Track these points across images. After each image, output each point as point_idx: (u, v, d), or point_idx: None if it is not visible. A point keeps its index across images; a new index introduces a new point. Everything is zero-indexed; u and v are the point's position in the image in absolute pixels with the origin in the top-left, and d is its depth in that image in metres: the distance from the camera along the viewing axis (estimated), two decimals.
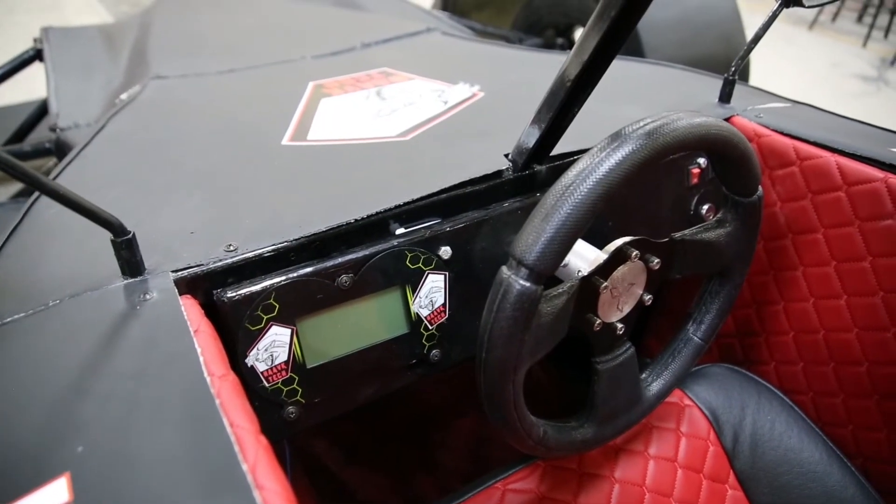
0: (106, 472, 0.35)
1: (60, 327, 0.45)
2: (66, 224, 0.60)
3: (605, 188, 0.46)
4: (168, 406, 0.38)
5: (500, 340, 0.48)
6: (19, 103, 1.71)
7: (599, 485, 0.73)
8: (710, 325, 0.70)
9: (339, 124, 0.86)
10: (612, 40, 0.54)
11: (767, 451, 0.81)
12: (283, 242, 0.54)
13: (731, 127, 0.55)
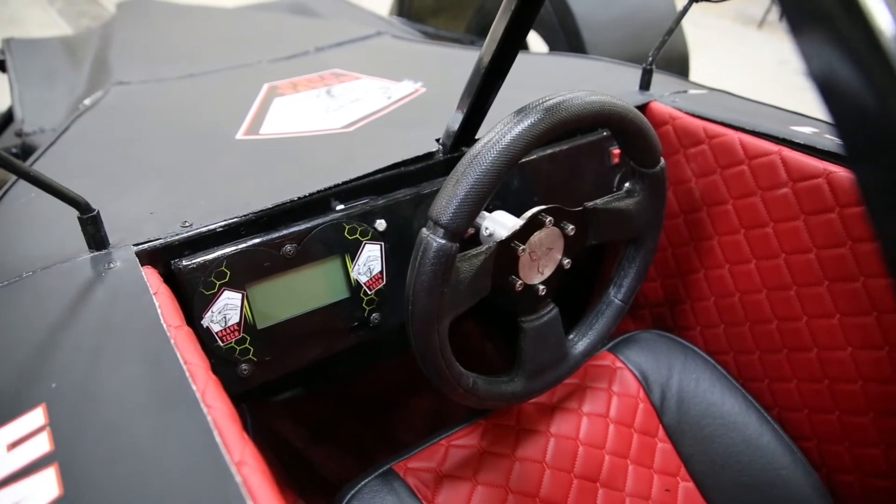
0: (77, 401, 0.41)
1: (33, 294, 0.51)
2: (35, 210, 0.66)
3: (508, 156, 0.54)
4: (129, 350, 0.44)
5: (422, 293, 0.54)
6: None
7: (536, 439, 0.80)
8: (629, 287, 0.78)
9: (290, 120, 0.92)
10: (516, 28, 0.61)
11: (692, 406, 0.88)
12: (233, 218, 0.60)
13: (626, 105, 0.63)
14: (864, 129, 0.25)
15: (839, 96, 0.25)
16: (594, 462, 0.82)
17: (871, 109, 0.24)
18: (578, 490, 0.80)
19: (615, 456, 0.83)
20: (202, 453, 0.36)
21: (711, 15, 4.74)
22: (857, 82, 0.24)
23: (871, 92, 0.24)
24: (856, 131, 0.25)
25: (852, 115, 0.25)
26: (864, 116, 0.24)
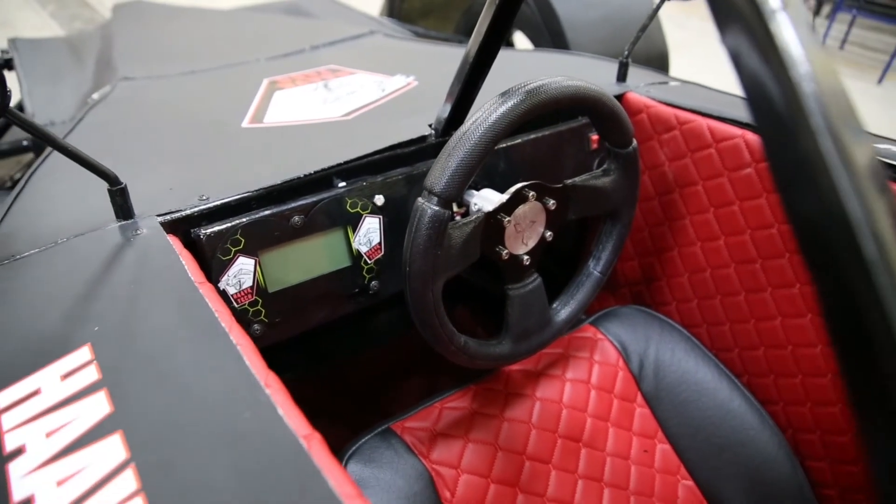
0: (118, 340, 0.47)
1: (70, 257, 0.57)
2: (62, 187, 0.72)
3: (493, 133, 0.60)
4: (162, 298, 0.50)
5: (418, 255, 0.61)
6: None
7: (522, 402, 0.87)
8: (606, 260, 0.85)
9: (291, 111, 0.98)
10: (500, 22, 0.68)
11: (668, 374, 0.95)
12: (246, 193, 0.67)
13: (600, 89, 0.70)
14: (769, 109, 0.30)
15: (750, 81, 0.31)
16: (577, 424, 0.88)
17: (773, 95, 0.29)
18: (562, 449, 0.86)
19: (596, 419, 0.90)
20: (235, 373, 0.42)
21: (694, 17, 4.85)
22: (762, 70, 0.30)
23: (772, 80, 0.29)
24: (762, 115, 0.30)
25: (757, 96, 0.30)
26: (767, 99, 0.29)
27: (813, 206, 0.26)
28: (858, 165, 0.26)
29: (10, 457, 0.40)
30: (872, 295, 0.24)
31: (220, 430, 0.38)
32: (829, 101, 0.27)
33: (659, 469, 0.91)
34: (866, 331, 0.24)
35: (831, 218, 0.25)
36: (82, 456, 0.39)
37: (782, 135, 0.28)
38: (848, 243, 0.25)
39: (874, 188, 0.25)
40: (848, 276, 0.25)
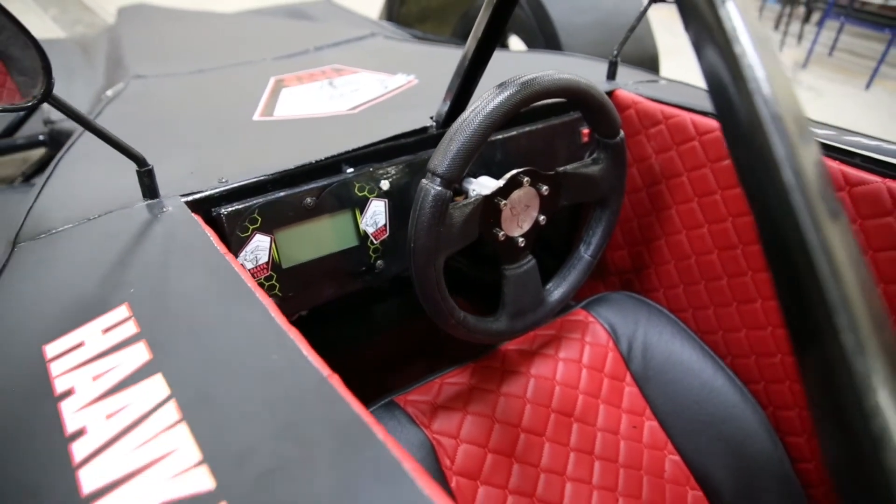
0: (153, 299, 0.52)
1: (102, 231, 0.62)
2: (89, 172, 0.77)
3: (490, 120, 0.66)
4: (191, 264, 0.55)
5: (422, 231, 0.66)
6: None
7: (518, 379, 0.92)
8: (596, 245, 0.90)
9: (299, 106, 1.03)
10: (496, 21, 0.74)
11: (656, 355, 1.00)
12: (262, 176, 0.72)
13: (589, 82, 0.75)
14: (729, 107, 0.33)
15: (714, 83, 0.35)
16: (569, 400, 0.93)
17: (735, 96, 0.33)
18: (555, 423, 0.91)
19: (587, 395, 0.95)
20: (261, 323, 0.47)
21: None
22: (724, 74, 0.34)
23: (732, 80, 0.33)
24: (725, 114, 0.33)
25: (722, 98, 0.34)
26: (729, 99, 0.33)
27: (748, 158, 0.31)
28: (792, 131, 0.31)
29: (60, 397, 0.45)
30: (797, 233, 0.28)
31: (250, 369, 0.44)
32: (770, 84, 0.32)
33: (647, 444, 0.96)
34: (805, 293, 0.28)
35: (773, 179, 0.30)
36: (127, 394, 0.44)
37: (733, 116, 0.33)
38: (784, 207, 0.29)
39: (810, 161, 0.30)
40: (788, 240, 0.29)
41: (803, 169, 0.29)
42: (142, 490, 0.37)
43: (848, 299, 0.26)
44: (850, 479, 0.24)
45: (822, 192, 0.29)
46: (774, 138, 0.30)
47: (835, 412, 0.25)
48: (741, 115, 0.31)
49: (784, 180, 0.29)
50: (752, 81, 0.31)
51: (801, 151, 0.31)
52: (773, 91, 0.32)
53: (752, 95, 0.31)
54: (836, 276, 0.27)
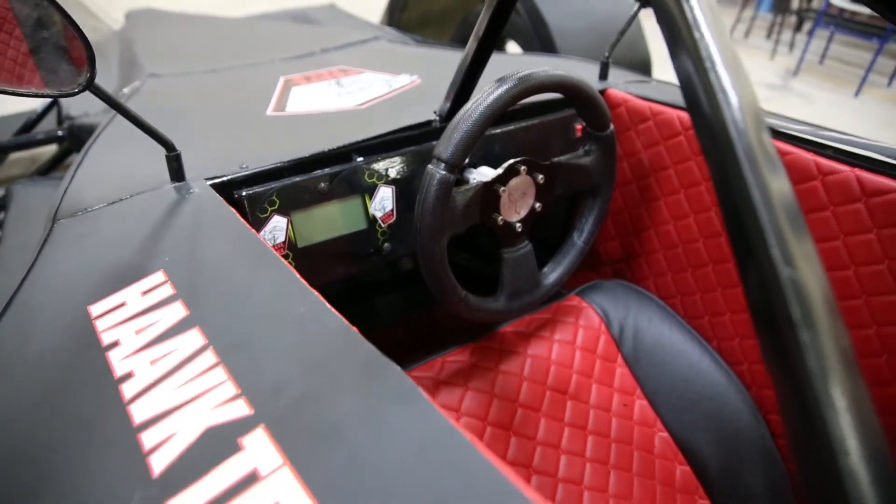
0: (187, 266, 0.57)
1: (135, 209, 0.68)
2: (117, 159, 0.83)
3: (490, 111, 0.72)
4: (219, 236, 0.61)
5: (428, 212, 0.72)
6: (16, 113, 1.90)
7: (515, 358, 0.98)
8: (588, 231, 0.96)
9: (309, 102, 1.09)
10: (495, 23, 0.80)
11: (645, 338, 1.06)
12: (279, 163, 0.78)
13: (581, 78, 0.82)
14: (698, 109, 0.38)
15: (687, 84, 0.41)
16: (563, 378, 0.99)
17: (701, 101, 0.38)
18: (550, 399, 0.97)
19: (581, 375, 1.01)
20: (288, 283, 0.53)
21: None
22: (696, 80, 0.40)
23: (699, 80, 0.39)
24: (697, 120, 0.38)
25: (693, 101, 0.40)
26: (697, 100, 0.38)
27: (709, 141, 0.37)
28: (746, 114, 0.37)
29: (107, 348, 0.50)
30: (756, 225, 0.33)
31: (279, 320, 0.49)
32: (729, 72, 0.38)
33: (637, 421, 1.01)
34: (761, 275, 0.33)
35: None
36: (167, 344, 0.50)
37: (697, 105, 0.39)
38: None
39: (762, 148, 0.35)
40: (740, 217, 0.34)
41: (757, 158, 0.34)
42: (187, 419, 0.42)
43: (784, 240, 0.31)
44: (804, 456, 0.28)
45: (765, 154, 0.35)
46: (730, 123, 0.36)
47: (784, 372, 0.31)
48: (702, 100, 0.37)
49: (739, 158, 0.34)
50: (713, 73, 0.37)
51: (753, 136, 0.37)
52: (732, 82, 0.38)
53: (713, 85, 0.37)
54: (775, 227, 0.32)
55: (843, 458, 0.25)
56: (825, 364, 0.28)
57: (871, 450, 0.25)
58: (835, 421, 0.26)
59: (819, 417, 0.27)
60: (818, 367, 0.28)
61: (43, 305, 0.57)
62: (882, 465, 0.26)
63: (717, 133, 0.36)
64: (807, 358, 0.28)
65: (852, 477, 0.25)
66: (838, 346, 0.28)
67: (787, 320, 0.29)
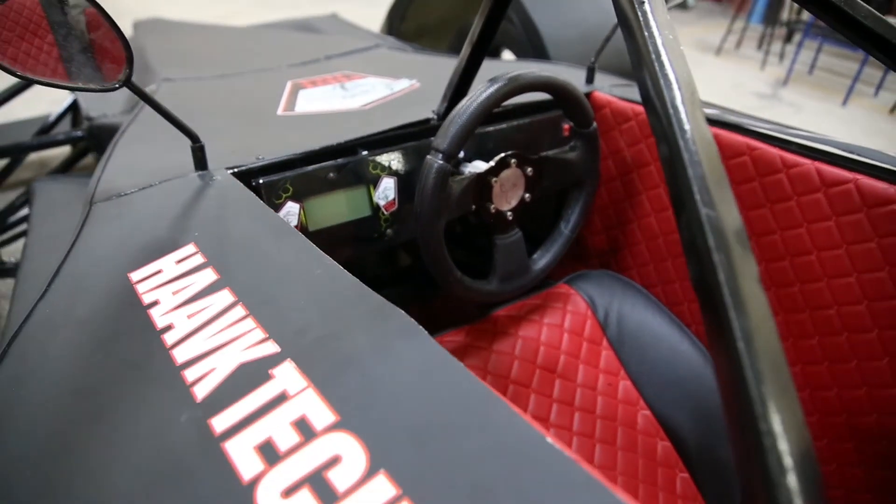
0: (215, 239, 0.65)
1: (164, 193, 0.75)
2: (143, 151, 0.91)
3: (483, 107, 0.80)
4: (243, 214, 0.69)
5: (427, 197, 0.80)
6: (32, 118, 1.98)
7: (507, 339, 1.05)
8: (574, 221, 1.04)
9: (316, 104, 1.18)
10: (488, 29, 0.88)
11: (629, 323, 1.14)
12: (293, 154, 0.86)
13: (566, 80, 0.90)
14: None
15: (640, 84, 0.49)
16: (552, 358, 1.07)
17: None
18: (540, 377, 1.04)
19: (569, 356, 1.08)
20: (305, 251, 0.60)
21: None
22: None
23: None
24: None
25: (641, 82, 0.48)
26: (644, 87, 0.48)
27: (657, 125, 0.45)
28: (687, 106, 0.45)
29: (148, 306, 0.58)
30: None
31: (299, 280, 0.57)
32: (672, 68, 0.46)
33: (621, 400, 1.09)
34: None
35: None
36: (202, 302, 0.57)
37: (650, 101, 0.47)
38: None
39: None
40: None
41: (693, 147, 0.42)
42: (222, 358, 0.50)
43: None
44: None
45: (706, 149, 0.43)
46: (669, 102, 0.44)
47: (703, 288, 0.38)
48: (649, 84, 0.45)
49: (679, 146, 0.42)
50: (657, 62, 0.45)
51: (690, 112, 0.45)
52: (673, 69, 0.46)
53: (657, 72, 0.45)
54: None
55: (741, 344, 0.33)
56: (735, 280, 0.36)
57: (766, 342, 0.33)
58: (741, 317, 0.34)
59: (727, 318, 0.35)
60: (729, 281, 0.36)
61: (87, 274, 0.65)
62: (776, 358, 0.33)
63: (660, 109, 0.44)
64: (719, 275, 0.36)
65: (747, 357, 0.33)
66: (746, 268, 0.36)
67: (706, 247, 0.37)
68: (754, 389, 0.32)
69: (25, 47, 0.61)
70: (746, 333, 0.34)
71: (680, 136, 0.42)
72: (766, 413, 0.31)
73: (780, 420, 0.31)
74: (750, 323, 0.34)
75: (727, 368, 0.34)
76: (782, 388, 0.32)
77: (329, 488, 0.38)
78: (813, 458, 0.30)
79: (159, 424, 0.45)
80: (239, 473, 0.40)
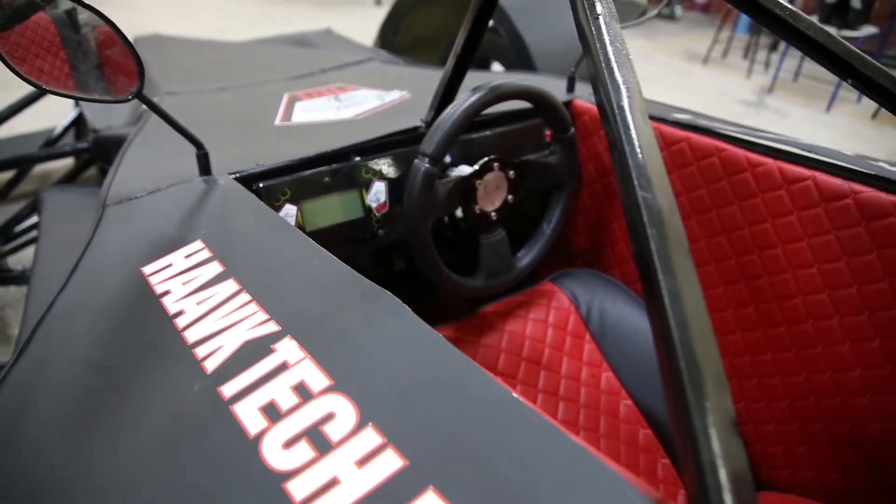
0: (220, 235, 0.71)
1: (171, 196, 0.82)
2: (151, 159, 0.97)
3: (466, 114, 0.86)
4: (245, 213, 0.75)
5: (415, 197, 0.86)
6: (37, 131, 2.05)
7: (494, 333, 1.11)
8: (555, 221, 1.11)
9: (312, 114, 1.24)
10: (470, 43, 0.95)
11: (611, 318, 1.20)
12: (290, 160, 0.92)
13: (543, 88, 0.97)
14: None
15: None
16: (537, 351, 1.13)
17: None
18: (525, 369, 1.10)
19: (553, 349, 1.14)
20: (304, 245, 0.66)
21: (660, 54, 5.26)
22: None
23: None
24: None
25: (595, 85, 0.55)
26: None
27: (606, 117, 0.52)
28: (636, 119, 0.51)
29: (160, 295, 0.64)
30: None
31: (298, 270, 0.63)
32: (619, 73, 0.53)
33: (604, 390, 1.15)
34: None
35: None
36: (209, 291, 0.63)
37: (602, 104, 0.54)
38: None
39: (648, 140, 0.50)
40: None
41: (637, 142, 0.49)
42: (229, 337, 0.56)
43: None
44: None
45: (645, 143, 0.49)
46: (615, 102, 0.51)
47: (641, 258, 0.45)
48: (600, 87, 0.52)
49: (623, 140, 0.49)
50: (607, 69, 0.52)
51: (636, 111, 0.51)
52: (621, 75, 0.53)
53: (606, 77, 0.52)
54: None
55: (670, 301, 0.39)
56: (665, 250, 0.42)
57: (691, 300, 0.40)
58: (668, 279, 0.41)
59: (657, 280, 0.41)
60: (659, 250, 0.42)
61: (103, 268, 0.71)
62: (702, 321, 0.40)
63: (608, 109, 0.50)
64: (651, 245, 0.42)
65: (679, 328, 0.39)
66: (676, 241, 0.42)
67: (642, 223, 0.44)
68: (679, 337, 0.38)
69: (49, 63, 0.67)
70: (673, 292, 0.40)
71: (623, 132, 0.48)
72: (692, 355, 0.37)
73: (703, 362, 0.37)
74: (677, 284, 0.40)
75: (658, 324, 0.40)
76: (704, 335, 0.38)
77: (324, 439, 0.44)
78: (727, 390, 0.36)
79: (175, 393, 0.51)
80: (246, 430, 0.46)
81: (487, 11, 0.94)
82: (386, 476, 0.40)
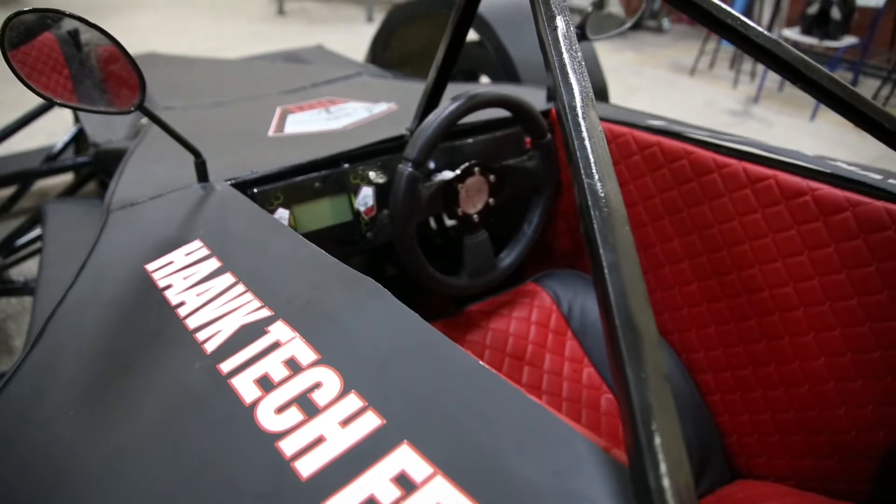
0: (218, 235, 0.77)
1: (171, 201, 0.87)
2: (151, 168, 1.03)
3: (446, 121, 0.93)
4: (242, 216, 0.81)
5: (400, 200, 0.92)
6: (37, 148, 2.11)
7: (479, 331, 1.17)
8: (535, 223, 1.16)
9: (304, 126, 1.30)
10: (450, 56, 1.01)
11: (591, 316, 1.25)
12: (283, 167, 0.98)
13: (519, 96, 1.03)
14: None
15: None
16: (520, 348, 1.18)
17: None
18: (509, 365, 1.15)
19: (536, 345, 1.20)
20: (299, 246, 0.72)
21: (648, 65, 5.36)
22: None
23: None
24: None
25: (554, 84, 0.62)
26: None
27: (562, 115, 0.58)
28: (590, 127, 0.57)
29: (163, 289, 0.70)
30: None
31: (290, 264, 0.69)
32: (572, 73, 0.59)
33: (585, 385, 1.20)
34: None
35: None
36: (208, 284, 0.69)
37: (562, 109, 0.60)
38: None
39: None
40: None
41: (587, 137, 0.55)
42: (227, 322, 0.62)
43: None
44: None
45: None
46: (568, 102, 0.57)
47: (590, 238, 0.50)
48: (558, 90, 0.58)
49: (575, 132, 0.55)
50: (562, 76, 0.58)
51: (587, 110, 0.57)
52: (575, 80, 0.59)
53: (561, 82, 0.58)
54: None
55: (610, 271, 0.45)
56: (607, 228, 0.48)
57: (628, 270, 0.45)
58: (608, 252, 0.46)
59: (599, 254, 0.47)
60: (602, 229, 0.48)
61: (109, 267, 0.76)
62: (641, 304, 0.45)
63: (563, 109, 0.57)
64: (594, 224, 0.48)
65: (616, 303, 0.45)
66: (617, 221, 0.48)
67: (587, 206, 0.49)
68: (616, 302, 0.44)
69: (59, 79, 0.73)
70: (612, 264, 0.46)
71: (574, 128, 0.54)
72: (628, 317, 0.43)
73: (639, 322, 0.43)
74: (616, 256, 0.46)
75: (600, 290, 0.46)
76: (640, 302, 0.44)
77: (312, 404, 0.49)
78: (659, 349, 0.42)
79: (178, 371, 0.56)
80: (242, 399, 0.51)
81: (465, 25, 1.01)
82: (366, 433, 0.46)
